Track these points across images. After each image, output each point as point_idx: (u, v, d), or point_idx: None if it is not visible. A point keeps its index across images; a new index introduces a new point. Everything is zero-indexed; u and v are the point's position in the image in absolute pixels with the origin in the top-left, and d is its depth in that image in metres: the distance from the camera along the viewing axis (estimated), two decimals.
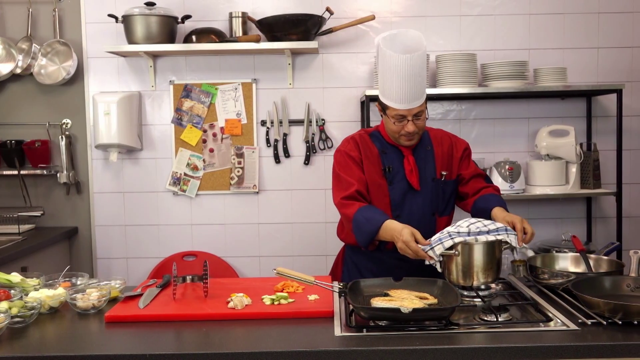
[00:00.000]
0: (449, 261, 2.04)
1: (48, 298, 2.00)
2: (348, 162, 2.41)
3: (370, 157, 2.42)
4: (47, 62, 3.65)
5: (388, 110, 2.33)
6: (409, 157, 2.41)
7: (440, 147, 2.48)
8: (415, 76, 2.24)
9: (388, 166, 2.40)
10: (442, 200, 2.45)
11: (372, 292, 1.98)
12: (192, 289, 2.18)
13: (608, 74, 3.65)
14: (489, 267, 2.05)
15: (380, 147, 2.44)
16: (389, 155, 2.42)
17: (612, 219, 3.58)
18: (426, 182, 2.42)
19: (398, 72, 2.24)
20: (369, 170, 2.40)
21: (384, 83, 2.30)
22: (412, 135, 2.35)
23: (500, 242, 2.08)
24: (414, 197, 2.41)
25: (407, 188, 2.40)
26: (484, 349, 1.66)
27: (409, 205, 2.40)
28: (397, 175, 2.40)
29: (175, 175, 3.71)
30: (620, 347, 1.66)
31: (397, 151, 2.43)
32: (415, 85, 2.26)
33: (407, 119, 2.30)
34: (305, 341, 1.73)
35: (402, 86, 2.25)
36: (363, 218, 2.24)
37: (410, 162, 2.40)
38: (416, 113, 2.30)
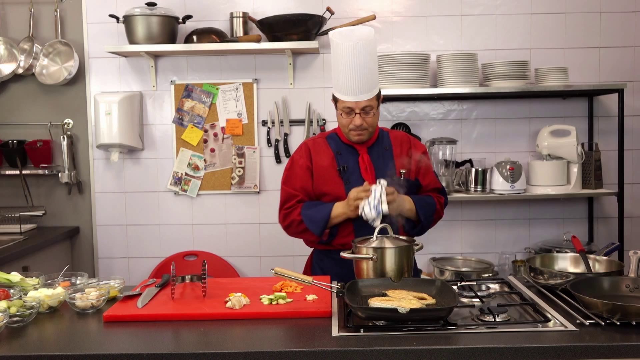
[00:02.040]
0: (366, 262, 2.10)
1: (47, 297, 2.00)
2: (294, 171, 2.46)
3: (323, 160, 2.44)
4: (48, 62, 3.66)
5: (338, 102, 2.36)
6: (364, 156, 2.43)
7: (399, 148, 2.49)
8: (361, 67, 2.26)
9: (343, 166, 2.42)
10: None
11: (370, 292, 1.98)
12: (191, 289, 2.18)
13: (610, 73, 3.64)
14: (400, 268, 2.09)
15: (335, 148, 2.46)
16: (344, 155, 2.44)
17: (613, 219, 3.57)
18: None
19: (345, 61, 2.26)
20: (321, 173, 2.42)
21: (336, 74, 2.33)
22: (361, 130, 2.36)
23: (410, 246, 2.13)
24: None
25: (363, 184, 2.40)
26: (481, 350, 1.65)
27: None
28: (353, 175, 2.42)
29: (177, 175, 3.72)
30: (618, 348, 1.65)
31: (353, 151, 2.44)
32: (362, 77, 2.27)
33: (355, 112, 2.32)
34: (303, 341, 1.73)
35: (349, 77, 2.27)
36: (311, 210, 2.36)
37: (365, 160, 2.42)
38: (364, 107, 2.32)
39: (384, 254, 2.09)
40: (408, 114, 3.69)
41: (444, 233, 3.73)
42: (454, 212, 3.73)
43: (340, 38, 2.28)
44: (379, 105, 2.40)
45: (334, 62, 2.33)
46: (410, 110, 3.70)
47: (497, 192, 3.45)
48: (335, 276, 2.37)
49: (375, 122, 2.41)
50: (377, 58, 2.37)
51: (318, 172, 2.43)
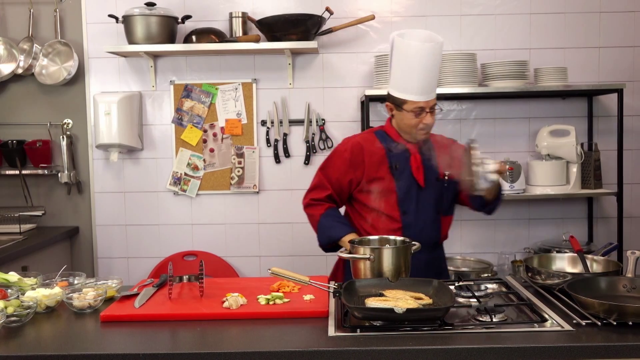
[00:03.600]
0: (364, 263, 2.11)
1: (44, 297, 2.00)
2: (334, 162, 2.50)
3: (375, 156, 2.46)
4: (48, 63, 3.67)
5: (406, 104, 2.37)
6: (416, 155, 2.44)
7: (441, 149, 2.49)
8: (434, 66, 2.34)
9: (395, 164, 2.44)
10: (446, 200, 2.49)
11: (367, 292, 1.98)
12: (188, 289, 2.18)
13: (609, 73, 3.64)
14: (397, 268, 2.10)
15: (386, 145, 2.47)
16: (395, 153, 2.46)
17: (613, 219, 3.57)
18: (431, 181, 2.45)
19: (420, 62, 2.31)
20: (372, 169, 2.44)
21: (403, 76, 2.36)
22: (429, 128, 2.41)
23: (408, 247, 2.14)
24: (420, 195, 2.45)
25: (414, 185, 2.44)
26: (478, 350, 1.65)
27: (415, 202, 2.44)
28: (404, 173, 2.43)
29: (176, 175, 3.72)
30: (614, 348, 1.65)
31: (404, 149, 2.46)
32: (434, 77, 2.36)
33: (426, 111, 2.36)
34: (299, 341, 1.73)
35: (423, 76, 2.33)
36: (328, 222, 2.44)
37: (417, 160, 2.44)
38: (432, 106, 2.38)
39: (381, 254, 2.09)
40: None
41: None
42: None
43: (410, 38, 2.32)
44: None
45: (404, 63, 2.34)
46: None
47: None
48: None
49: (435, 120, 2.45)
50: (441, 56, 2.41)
51: (370, 164, 2.45)
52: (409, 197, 2.44)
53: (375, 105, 3.67)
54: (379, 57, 3.43)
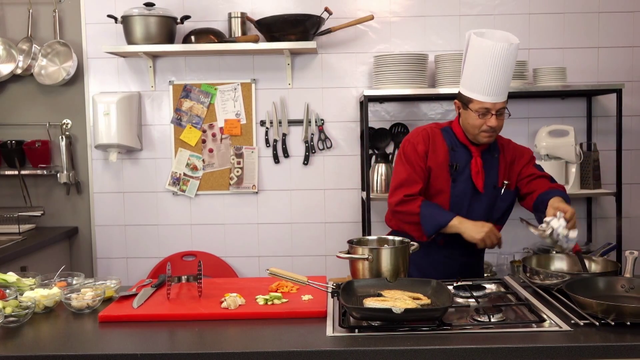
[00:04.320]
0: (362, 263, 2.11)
1: (43, 297, 2.00)
2: (414, 156, 2.42)
3: (437, 152, 2.43)
4: (47, 63, 3.67)
5: (472, 103, 2.34)
6: (477, 159, 2.41)
7: (504, 156, 2.48)
8: (507, 68, 2.28)
9: (455, 164, 2.41)
10: (498, 209, 2.46)
11: (366, 292, 1.98)
12: (187, 289, 2.18)
13: (608, 73, 3.64)
14: (396, 269, 2.10)
15: (450, 143, 2.44)
16: (458, 153, 2.43)
17: (612, 219, 3.56)
18: (488, 187, 2.43)
19: (493, 61, 2.26)
20: (433, 164, 2.42)
21: (473, 74, 2.32)
22: (494, 131, 2.35)
23: (406, 247, 2.15)
24: (475, 200, 2.42)
25: (470, 189, 2.41)
26: (475, 350, 1.65)
27: (468, 206, 2.42)
28: (463, 175, 2.41)
29: (175, 176, 3.72)
30: (612, 348, 1.65)
31: (467, 151, 2.43)
32: (505, 78, 2.30)
33: (491, 113, 2.32)
34: (297, 341, 1.73)
35: (494, 76, 2.27)
36: (432, 210, 2.36)
37: (478, 164, 2.41)
38: (499, 110, 2.32)
39: (380, 254, 2.09)
40: (406, 114, 3.69)
41: None
42: None
43: (487, 38, 2.29)
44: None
45: (477, 61, 2.30)
46: (408, 111, 3.69)
47: None
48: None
49: (503, 125, 2.39)
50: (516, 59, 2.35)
51: (432, 163, 2.42)
52: (462, 201, 2.41)
53: (374, 105, 3.67)
54: (378, 57, 3.43)
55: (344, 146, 3.68)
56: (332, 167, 3.68)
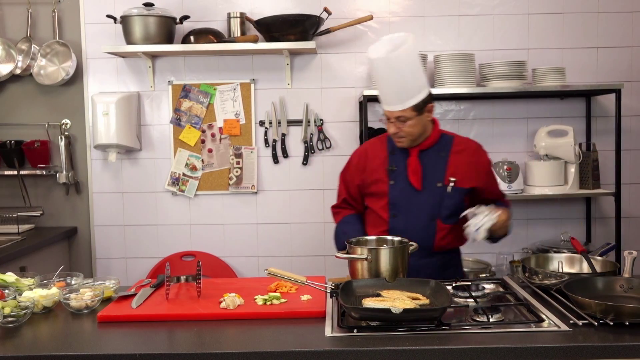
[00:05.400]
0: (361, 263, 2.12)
1: (42, 298, 2.00)
2: (347, 169, 2.61)
3: (376, 159, 2.49)
4: (46, 63, 3.67)
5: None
6: (414, 158, 2.42)
7: (457, 156, 2.46)
8: (392, 79, 2.29)
9: (393, 166, 2.45)
10: (447, 207, 2.41)
11: (365, 292, 1.98)
12: (185, 289, 2.18)
13: (607, 73, 3.64)
14: (394, 269, 2.10)
15: (391, 147, 2.49)
16: (397, 156, 2.47)
17: (611, 219, 3.57)
18: (430, 185, 2.42)
19: (377, 72, 2.36)
20: (372, 171, 2.48)
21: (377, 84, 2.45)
22: (398, 137, 2.39)
23: (405, 247, 2.15)
24: (415, 198, 2.41)
25: (408, 188, 2.41)
26: (474, 350, 1.66)
27: (408, 205, 2.41)
28: (400, 176, 2.43)
29: (174, 176, 3.72)
30: (611, 348, 1.65)
31: (405, 152, 2.45)
32: (393, 87, 2.31)
33: (391, 121, 2.37)
34: (296, 341, 1.73)
35: (383, 88, 2.36)
36: (341, 231, 2.52)
37: (414, 163, 2.41)
38: (398, 117, 2.33)
39: (379, 254, 2.09)
40: None
41: None
42: None
43: (374, 51, 2.31)
44: (421, 114, 2.35)
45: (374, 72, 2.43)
46: None
47: None
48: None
49: (415, 131, 2.36)
50: (416, 68, 2.32)
51: (369, 173, 2.50)
52: (401, 201, 2.42)
53: (373, 105, 3.67)
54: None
55: (343, 146, 3.68)
56: (331, 167, 3.68)
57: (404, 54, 2.27)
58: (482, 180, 2.46)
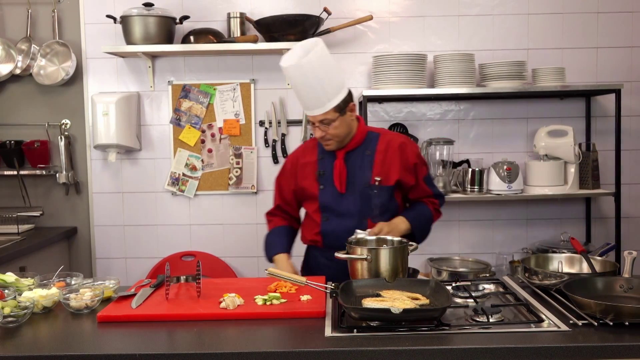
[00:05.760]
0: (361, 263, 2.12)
1: (41, 298, 2.00)
2: (282, 175, 2.62)
3: (307, 165, 2.52)
4: (46, 63, 3.67)
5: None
6: (340, 161, 2.45)
7: (383, 154, 2.46)
8: (308, 85, 2.28)
9: (321, 171, 2.48)
10: (376, 206, 2.45)
11: (364, 292, 1.98)
12: (185, 289, 2.18)
13: (607, 74, 3.64)
14: (394, 269, 2.11)
15: (320, 152, 2.51)
16: (325, 160, 2.49)
17: (611, 219, 3.57)
18: (355, 187, 2.44)
19: (291, 81, 2.35)
20: (303, 177, 2.51)
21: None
22: (325, 140, 2.41)
23: (405, 247, 2.16)
24: (343, 201, 2.45)
25: (336, 192, 2.45)
26: (474, 350, 1.65)
27: (337, 208, 2.45)
28: (328, 180, 2.46)
29: (174, 176, 3.72)
30: (610, 348, 1.65)
31: (333, 155, 2.47)
32: (310, 93, 2.30)
33: (315, 125, 2.38)
34: (296, 341, 1.73)
35: (300, 93, 2.35)
36: (269, 242, 2.60)
37: (339, 166, 2.44)
38: (322, 120, 2.34)
39: (378, 254, 2.10)
40: (405, 114, 3.69)
41: (441, 233, 3.73)
42: (451, 213, 3.72)
43: (286, 60, 2.31)
44: (344, 114, 2.36)
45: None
46: (407, 111, 3.70)
47: (494, 192, 3.45)
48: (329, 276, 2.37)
49: (340, 132, 2.38)
50: (330, 69, 2.31)
51: (301, 178, 2.52)
52: (330, 204, 2.46)
53: (373, 106, 3.67)
54: (377, 58, 3.43)
55: None
56: None
57: (314, 58, 2.25)
58: (405, 175, 2.47)
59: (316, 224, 2.49)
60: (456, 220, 3.74)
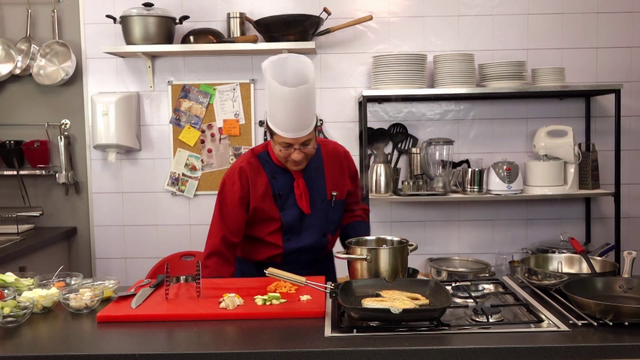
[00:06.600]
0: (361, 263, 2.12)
1: (41, 298, 2.00)
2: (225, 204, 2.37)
3: (258, 186, 2.36)
4: (46, 63, 3.67)
5: (275, 136, 2.26)
6: (299, 181, 2.37)
7: (330, 165, 2.45)
8: (302, 107, 2.17)
9: (279, 192, 2.36)
10: (333, 221, 2.46)
11: (364, 292, 1.98)
12: (185, 289, 2.18)
13: (606, 74, 3.64)
14: (394, 269, 2.11)
15: (269, 172, 2.38)
16: (279, 180, 2.38)
17: (610, 219, 3.57)
18: (315, 204, 2.41)
19: (285, 104, 2.15)
20: (257, 199, 2.36)
21: (271, 110, 2.23)
22: (300, 162, 2.30)
23: (405, 247, 2.16)
24: (305, 221, 2.41)
25: (298, 212, 2.40)
26: (474, 350, 1.65)
27: (300, 229, 2.42)
28: (288, 201, 2.38)
29: (174, 176, 3.72)
30: (610, 349, 1.65)
31: (287, 175, 2.38)
32: (303, 115, 2.18)
33: (294, 147, 2.25)
34: (296, 342, 1.73)
35: (290, 116, 2.17)
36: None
37: (300, 186, 2.37)
38: (304, 142, 2.24)
39: (378, 254, 2.10)
40: (405, 114, 3.70)
41: (441, 233, 3.73)
42: (451, 213, 3.73)
43: (278, 76, 2.16)
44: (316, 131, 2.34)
45: (271, 99, 2.20)
46: (407, 111, 3.70)
47: (494, 192, 3.45)
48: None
49: (313, 151, 2.31)
50: (314, 90, 2.23)
51: (254, 200, 2.37)
52: (293, 225, 2.39)
53: (372, 106, 3.67)
54: (377, 58, 3.43)
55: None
56: None
57: (311, 83, 2.17)
58: (351, 185, 2.50)
59: (274, 246, 2.41)
60: (456, 220, 3.74)
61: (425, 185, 3.49)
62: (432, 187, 3.51)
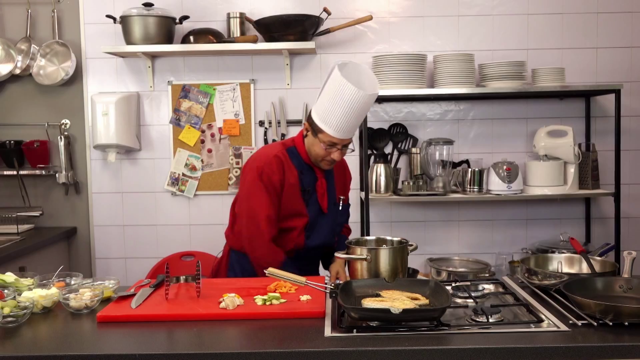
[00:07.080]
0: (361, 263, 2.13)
1: (41, 298, 2.00)
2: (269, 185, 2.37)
3: (290, 177, 2.42)
4: (46, 63, 3.66)
5: (322, 134, 2.34)
6: (322, 180, 2.47)
7: (337, 171, 2.58)
8: (361, 112, 2.31)
9: (307, 188, 2.45)
10: (339, 222, 2.60)
11: (364, 292, 1.98)
12: (185, 289, 2.18)
13: (606, 74, 3.64)
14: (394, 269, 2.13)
15: (298, 166, 2.45)
16: (306, 176, 2.46)
17: (610, 219, 3.56)
18: (330, 206, 2.52)
19: (350, 105, 2.25)
20: (289, 189, 2.41)
21: (329, 108, 2.29)
22: (336, 162, 2.43)
23: (404, 247, 2.18)
24: (322, 220, 2.50)
25: (318, 210, 2.48)
26: (474, 350, 1.65)
27: (319, 227, 2.50)
28: (312, 197, 2.47)
29: (174, 176, 3.72)
30: (610, 349, 1.65)
31: (312, 172, 2.47)
32: (358, 120, 2.33)
33: (337, 147, 2.36)
34: (296, 342, 1.73)
35: (348, 118, 2.27)
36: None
37: (323, 186, 2.47)
38: (346, 144, 2.39)
39: (378, 254, 2.10)
40: (405, 114, 3.70)
41: (441, 234, 3.73)
42: (450, 213, 3.73)
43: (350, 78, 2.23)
44: None
45: (335, 97, 2.26)
46: (407, 111, 3.70)
47: (494, 192, 3.45)
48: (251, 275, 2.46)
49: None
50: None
51: (287, 189, 2.42)
52: (314, 222, 2.48)
53: (372, 106, 3.66)
54: (377, 58, 3.43)
55: None
56: None
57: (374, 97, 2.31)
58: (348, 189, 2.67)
59: (295, 241, 2.46)
60: (456, 220, 3.74)
61: (425, 185, 3.49)
62: (432, 187, 3.51)
